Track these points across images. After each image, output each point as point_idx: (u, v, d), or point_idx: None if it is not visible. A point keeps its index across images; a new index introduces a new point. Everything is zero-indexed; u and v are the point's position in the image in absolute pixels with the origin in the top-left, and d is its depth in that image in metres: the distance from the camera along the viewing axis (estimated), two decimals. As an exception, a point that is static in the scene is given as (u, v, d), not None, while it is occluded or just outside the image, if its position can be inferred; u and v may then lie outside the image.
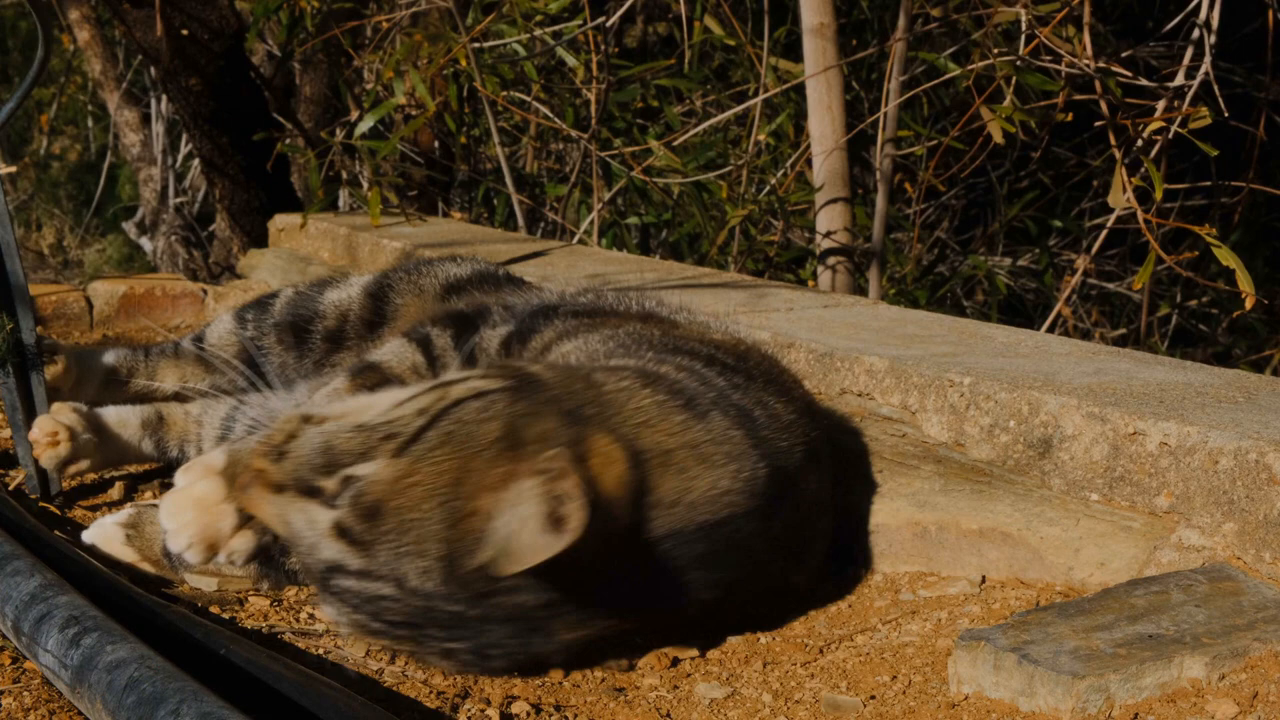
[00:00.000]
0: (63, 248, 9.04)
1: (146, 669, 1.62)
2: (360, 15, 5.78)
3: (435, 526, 1.75)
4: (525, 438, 1.78)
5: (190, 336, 3.01)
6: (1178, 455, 2.01)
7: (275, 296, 2.94)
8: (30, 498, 2.73)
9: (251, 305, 2.95)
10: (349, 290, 2.88)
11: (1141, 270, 3.28)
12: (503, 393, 1.84)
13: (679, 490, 1.89)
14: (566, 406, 1.85)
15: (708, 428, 1.95)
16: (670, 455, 1.90)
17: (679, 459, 1.90)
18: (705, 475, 1.91)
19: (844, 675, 1.93)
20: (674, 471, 1.89)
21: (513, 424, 1.79)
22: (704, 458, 1.92)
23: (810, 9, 4.11)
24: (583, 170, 5.13)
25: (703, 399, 1.99)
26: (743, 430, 1.99)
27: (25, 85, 3.02)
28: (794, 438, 2.10)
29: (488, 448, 1.77)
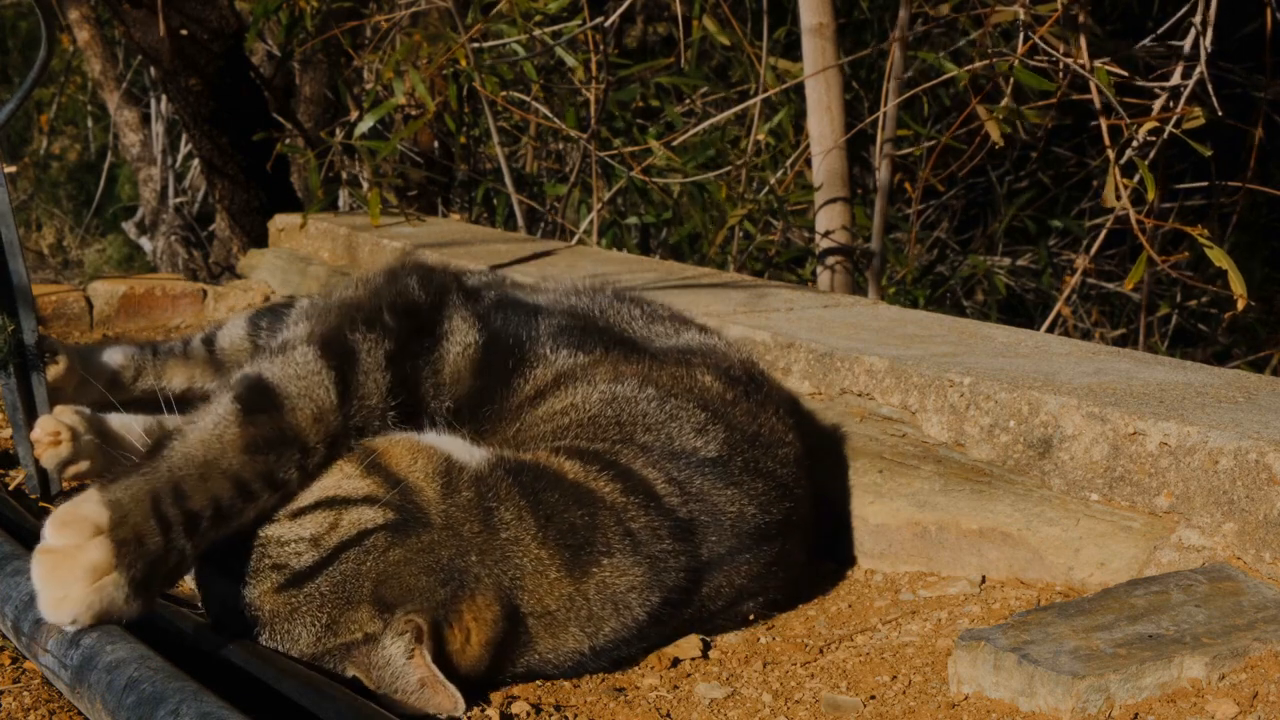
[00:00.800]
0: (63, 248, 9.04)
1: (146, 669, 1.62)
2: (360, 15, 5.79)
3: (309, 650, 1.82)
4: (390, 599, 1.80)
5: (200, 337, 3.01)
6: (1178, 455, 2.01)
7: (290, 305, 2.94)
8: (30, 498, 2.73)
9: (266, 311, 2.95)
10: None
11: (1133, 271, 3.28)
12: (385, 533, 1.83)
13: (551, 649, 1.90)
14: (445, 556, 1.83)
15: (604, 578, 1.92)
16: (552, 616, 1.89)
17: (560, 619, 1.89)
18: (581, 633, 1.91)
19: (844, 675, 1.93)
20: (551, 631, 1.89)
21: (384, 580, 1.80)
22: (589, 617, 1.90)
23: (809, 9, 4.11)
24: (582, 170, 5.13)
25: (610, 536, 1.93)
26: (648, 571, 1.95)
27: (27, 85, 3.01)
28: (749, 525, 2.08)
29: (359, 605, 1.80)
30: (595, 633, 1.90)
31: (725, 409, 2.18)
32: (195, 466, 1.80)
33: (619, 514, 1.94)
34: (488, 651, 1.84)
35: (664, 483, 2.02)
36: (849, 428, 2.51)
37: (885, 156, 4.29)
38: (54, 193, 9.48)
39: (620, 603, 1.91)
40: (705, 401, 2.17)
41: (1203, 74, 3.52)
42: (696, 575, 2.01)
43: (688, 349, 2.35)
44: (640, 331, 2.42)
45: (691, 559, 1.99)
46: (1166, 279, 5.85)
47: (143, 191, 7.62)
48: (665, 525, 1.97)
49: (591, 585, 1.89)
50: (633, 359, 2.24)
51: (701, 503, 2.03)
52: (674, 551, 1.97)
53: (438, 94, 4.64)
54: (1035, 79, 3.71)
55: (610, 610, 1.91)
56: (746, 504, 2.08)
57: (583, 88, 5.07)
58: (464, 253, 4.03)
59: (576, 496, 1.93)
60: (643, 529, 1.95)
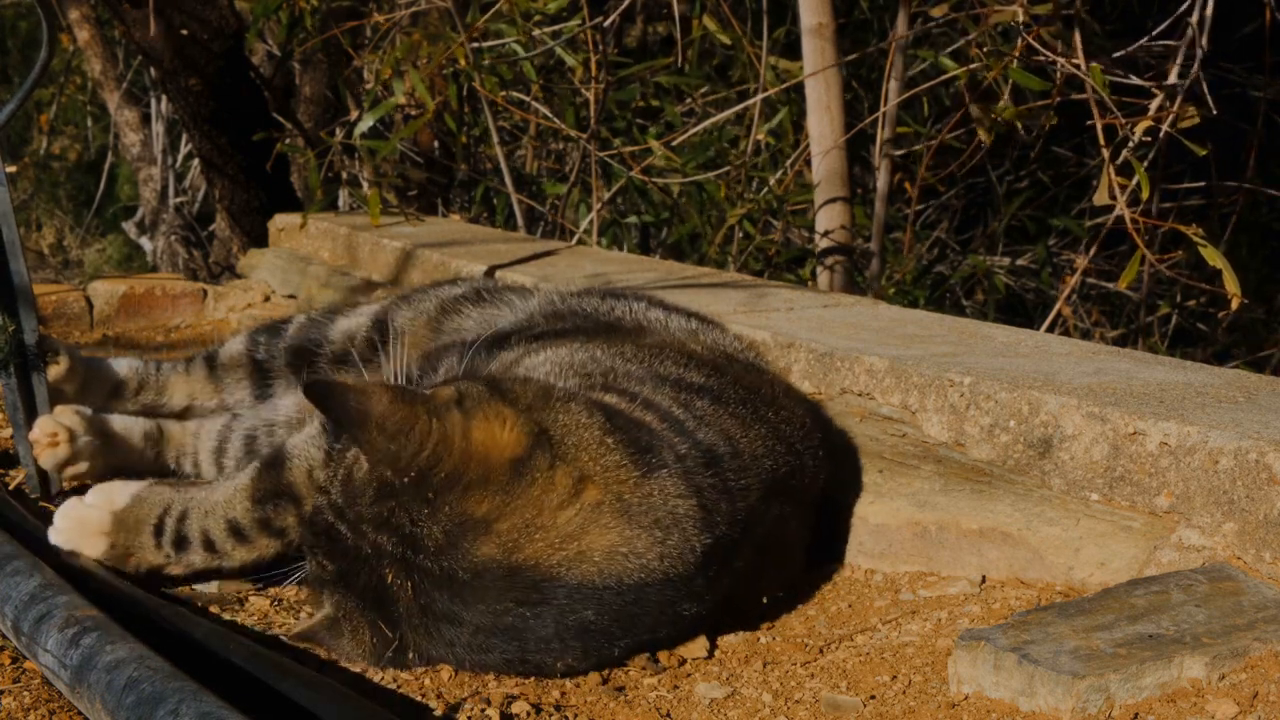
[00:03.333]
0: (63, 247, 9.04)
1: (146, 669, 1.62)
2: (359, 15, 5.79)
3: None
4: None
5: (202, 355, 3.07)
6: (1178, 455, 2.01)
7: (288, 322, 3.01)
8: (31, 497, 2.73)
9: (264, 329, 3.01)
10: (358, 319, 2.91)
11: (1127, 270, 3.28)
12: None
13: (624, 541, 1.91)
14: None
15: (665, 484, 1.96)
16: (625, 503, 1.93)
17: (632, 508, 1.94)
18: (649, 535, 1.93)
19: (844, 675, 1.93)
20: (625, 517, 1.93)
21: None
22: (655, 522, 1.94)
23: (809, 9, 4.12)
24: (582, 170, 5.13)
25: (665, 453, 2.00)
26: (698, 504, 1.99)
27: (28, 85, 3.01)
28: (753, 477, 2.10)
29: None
30: (664, 539, 1.91)
31: (721, 363, 2.29)
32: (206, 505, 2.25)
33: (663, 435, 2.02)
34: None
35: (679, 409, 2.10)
36: (849, 427, 2.51)
37: (885, 156, 4.29)
38: (54, 193, 9.48)
39: (678, 520, 1.94)
40: (695, 356, 2.30)
41: (1198, 73, 3.52)
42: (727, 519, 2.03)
43: (679, 330, 2.50)
44: (631, 323, 2.54)
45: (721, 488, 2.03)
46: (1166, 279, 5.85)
47: (143, 191, 7.62)
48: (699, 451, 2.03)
49: (655, 486, 1.93)
50: (616, 337, 2.38)
51: (715, 429, 2.09)
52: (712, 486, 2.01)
53: (437, 94, 4.64)
54: (1031, 79, 3.71)
55: (672, 524, 1.93)
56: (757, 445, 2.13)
57: (582, 87, 5.07)
58: (464, 252, 4.03)
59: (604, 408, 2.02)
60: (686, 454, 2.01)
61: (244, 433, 2.82)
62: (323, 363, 2.87)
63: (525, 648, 1.88)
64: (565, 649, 1.90)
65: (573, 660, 1.92)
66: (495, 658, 1.90)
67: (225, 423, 2.86)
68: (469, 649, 1.88)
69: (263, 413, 2.83)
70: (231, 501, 2.24)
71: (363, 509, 1.88)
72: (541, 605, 1.86)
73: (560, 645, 1.89)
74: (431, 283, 3.05)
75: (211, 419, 2.91)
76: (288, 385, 2.90)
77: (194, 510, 2.24)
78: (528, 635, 1.87)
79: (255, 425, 2.81)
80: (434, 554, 1.84)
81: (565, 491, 1.87)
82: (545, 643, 1.88)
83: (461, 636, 1.87)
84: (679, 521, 1.93)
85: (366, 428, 1.84)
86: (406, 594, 1.87)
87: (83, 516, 2.24)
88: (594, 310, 2.61)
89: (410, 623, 1.88)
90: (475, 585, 1.85)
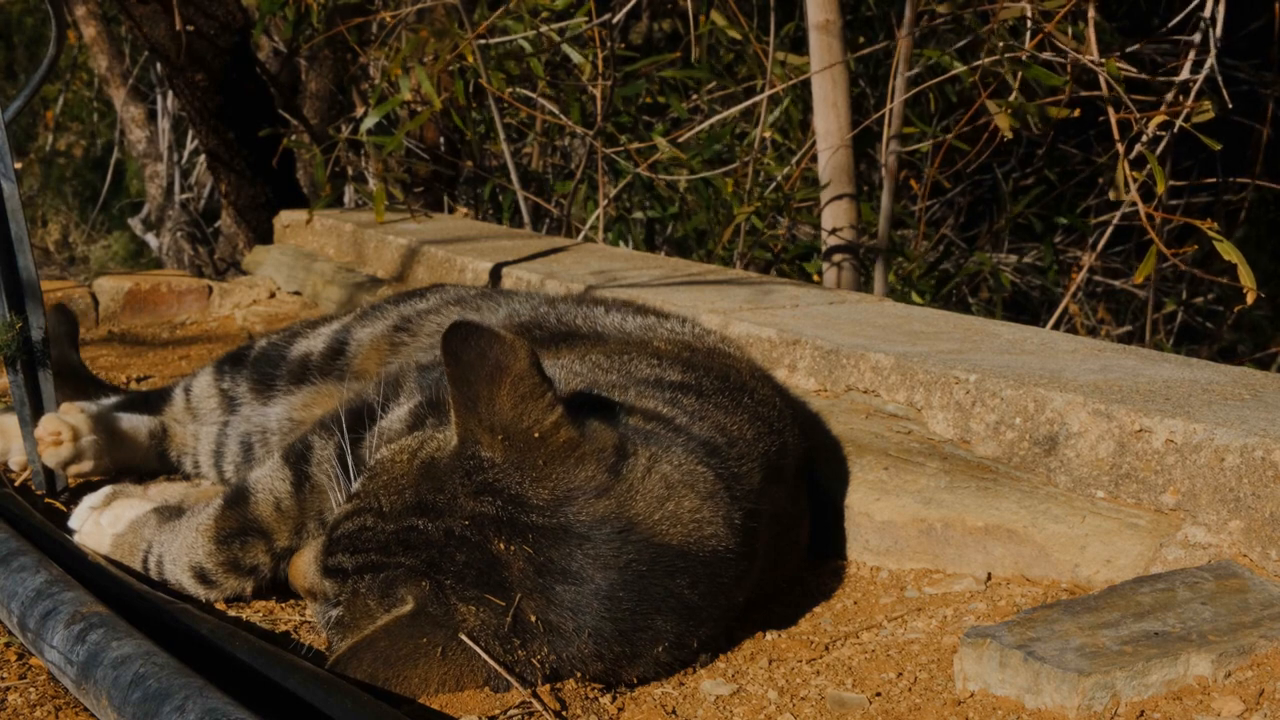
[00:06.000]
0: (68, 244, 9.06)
1: (152, 665, 1.62)
2: (366, 11, 5.79)
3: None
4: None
5: (181, 385, 3.09)
6: (1184, 452, 2.01)
7: (250, 348, 3.04)
8: (36, 494, 2.74)
9: (229, 358, 3.05)
10: (315, 341, 2.93)
11: (1143, 264, 3.28)
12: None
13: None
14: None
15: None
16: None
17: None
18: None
19: (849, 672, 1.93)
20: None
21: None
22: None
23: (816, 5, 4.11)
24: (588, 166, 5.13)
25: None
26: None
27: (35, 80, 3.02)
28: (752, 462, 2.11)
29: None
30: (718, 510, 1.95)
31: (688, 357, 2.32)
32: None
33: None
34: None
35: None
36: (855, 425, 2.51)
37: (891, 153, 4.29)
38: (60, 189, 9.49)
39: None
40: (663, 354, 2.32)
41: (1212, 68, 3.51)
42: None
43: (639, 328, 2.53)
44: (595, 326, 2.56)
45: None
46: (1173, 275, 5.85)
47: (149, 188, 7.63)
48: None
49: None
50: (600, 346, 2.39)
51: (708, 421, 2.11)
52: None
53: (444, 90, 4.64)
54: (1045, 74, 3.71)
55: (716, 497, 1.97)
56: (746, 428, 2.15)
57: (589, 84, 5.07)
58: (469, 249, 4.03)
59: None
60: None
61: (239, 437, 2.84)
62: (281, 384, 2.89)
63: (640, 612, 1.87)
64: (664, 627, 1.89)
65: (668, 644, 1.91)
66: (610, 626, 1.85)
67: (219, 429, 2.90)
68: (593, 613, 1.84)
69: (254, 418, 2.85)
70: (194, 547, 2.24)
71: (456, 489, 1.86)
72: (653, 564, 1.87)
73: (663, 620, 1.89)
74: (393, 296, 3.07)
75: (207, 425, 2.93)
76: (253, 410, 2.91)
77: (166, 555, 2.27)
78: (645, 598, 1.86)
79: (249, 430, 2.83)
80: (546, 511, 1.83)
81: (644, 466, 1.90)
82: (654, 609, 1.88)
83: (584, 596, 1.83)
84: (716, 494, 1.96)
85: (501, 381, 1.85)
86: (519, 557, 1.83)
87: (89, 533, 2.37)
88: (557, 320, 2.61)
89: (525, 586, 1.82)
90: (594, 537, 1.85)
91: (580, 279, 3.40)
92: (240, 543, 2.23)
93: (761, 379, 2.43)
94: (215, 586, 2.24)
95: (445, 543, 1.84)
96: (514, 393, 1.84)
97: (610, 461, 1.88)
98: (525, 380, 1.84)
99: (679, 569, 1.88)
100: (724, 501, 1.96)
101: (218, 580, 2.23)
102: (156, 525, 2.33)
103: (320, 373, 2.83)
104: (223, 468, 2.85)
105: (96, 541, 2.34)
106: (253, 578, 2.24)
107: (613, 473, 1.88)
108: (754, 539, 2.02)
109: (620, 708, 1.84)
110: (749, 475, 2.06)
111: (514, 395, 1.84)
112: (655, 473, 1.91)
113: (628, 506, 1.87)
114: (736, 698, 1.87)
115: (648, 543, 1.87)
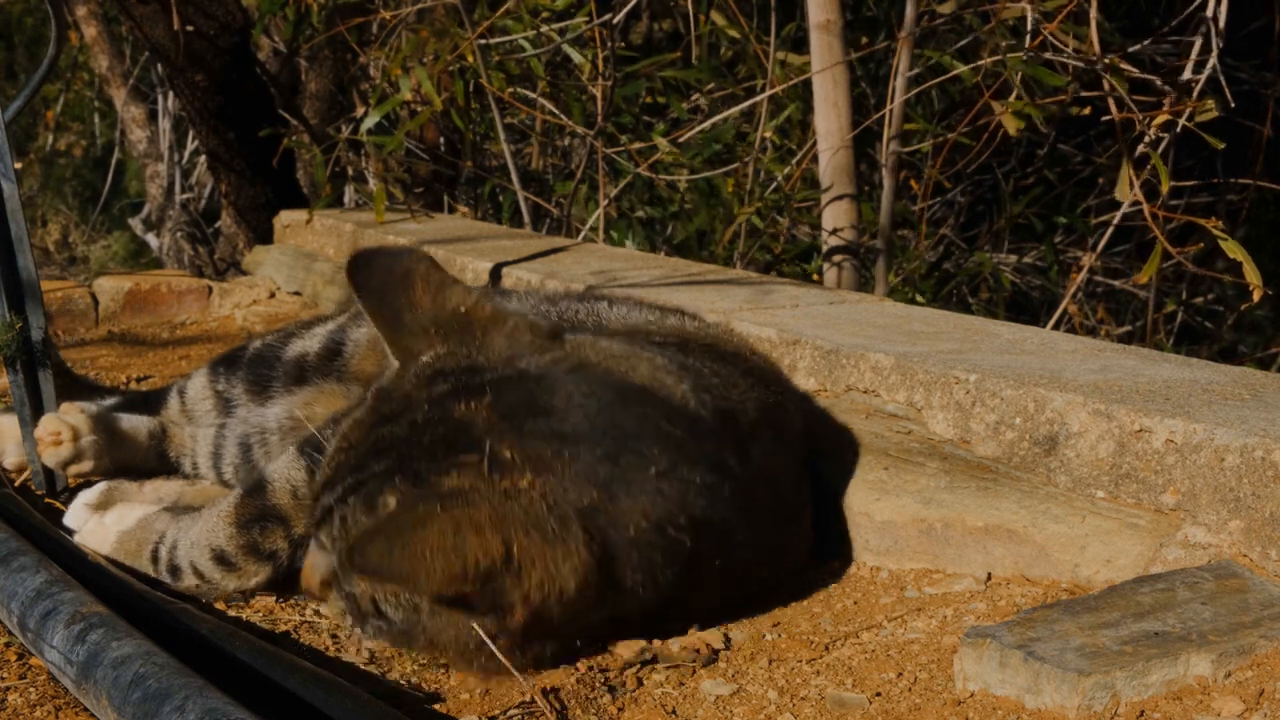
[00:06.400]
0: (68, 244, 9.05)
1: (152, 665, 1.62)
2: (366, 11, 5.78)
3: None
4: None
5: (175, 388, 3.08)
6: (1184, 452, 2.01)
7: (245, 349, 3.03)
8: (37, 494, 2.74)
9: (224, 359, 3.04)
10: (310, 341, 2.93)
11: (1148, 264, 3.28)
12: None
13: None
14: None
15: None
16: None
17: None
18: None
19: (849, 672, 1.93)
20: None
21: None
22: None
23: (816, 5, 4.11)
24: (589, 166, 5.12)
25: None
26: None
27: (35, 80, 3.02)
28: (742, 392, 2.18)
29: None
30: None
31: (682, 341, 2.36)
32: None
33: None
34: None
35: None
36: (854, 425, 2.51)
37: (892, 153, 4.28)
38: (60, 189, 9.49)
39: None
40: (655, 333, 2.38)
41: (1215, 68, 3.51)
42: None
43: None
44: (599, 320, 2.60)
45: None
46: (1173, 275, 5.85)
47: (149, 188, 7.62)
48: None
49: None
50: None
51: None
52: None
53: (444, 90, 4.64)
54: (1048, 74, 3.71)
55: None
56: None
57: (589, 84, 5.07)
58: (469, 249, 4.03)
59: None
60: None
61: (238, 439, 2.84)
62: (277, 385, 2.89)
63: (617, 436, 1.90)
64: (650, 452, 1.92)
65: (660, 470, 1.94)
66: (588, 450, 1.88)
67: (217, 431, 2.89)
68: (568, 438, 1.87)
69: (252, 419, 2.85)
70: (215, 529, 2.25)
71: (409, 389, 1.93)
72: (618, 395, 1.93)
73: (646, 445, 1.92)
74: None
75: (204, 428, 2.93)
76: (249, 411, 2.91)
77: (182, 541, 2.27)
78: (619, 424, 1.90)
79: (248, 432, 2.83)
80: (497, 368, 1.91)
81: (589, 342, 2.04)
82: (633, 434, 1.91)
83: (553, 424, 1.87)
84: (678, 374, 2.05)
85: (413, 283, 1.94)
86: (481, 411, 1.87)
87: (92, 531, 2.36)
88: (558, 316, 2.63)
89: (494, 432, 1.85)
90: (550, 375, 1.91)
91: (580, 279, 3.40)
92: (260, 528, 2.23)
93: (763, 356, 2.50)
94: (234, 570, 2.23)
95: (411, 434, 1.88)
96: (428, 288, 1.95)
97: (547, 331, 2.00)
98: (434, 274, 1.94)
99: (648, 402, 1.95)
100: (690, 382, 2.02)
101: (237, 563, 2.23)
102: (170, 518, 2.34)
103: (318, 373, 2.82)
104: (221, 469, 2.85)
105: (100, 539, 2.34)
106: (271, 564, 2.24)
107: (553, 338, 1.98)
108: (744, 446, 2.07)
109: (620, 707, 1.84)
110: (733, 396, 2.12)
111: (429, 290, 1.95)
112: (601, 345, 2.01)
113: (577, 356, 1.96)
114: (736, 698, 1.87)
115: (607, 377, 1.95)
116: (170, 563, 2.27)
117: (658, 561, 1.91)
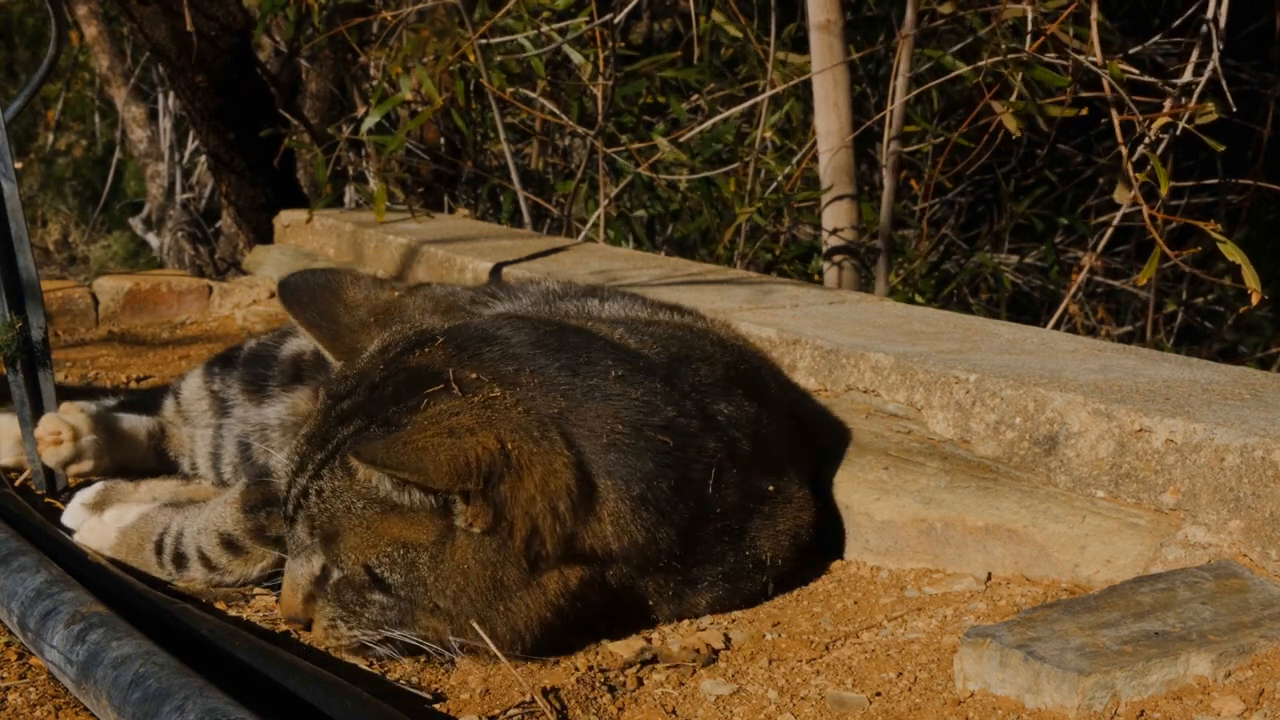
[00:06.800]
0: (68, 244, 9.05)
1: (152, 665, 1.62)
2: (367, 11, 5.78)
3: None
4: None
5: (171, 388, 3.08)
6: (1184, 452, 2.01)
7: (240, 349, 3.04)
8: (37, 493, 2.74)
9: (218, 359, 3.04)
10: (304, 342, 2.94)
11: (1146, 266, 3.27)
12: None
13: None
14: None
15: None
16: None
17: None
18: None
19: (850, 672, 1.93)
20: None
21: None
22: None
23: (817, 5, 4.11)
24: (589, 166, 5.12)
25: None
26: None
27: (35, 80, 3.02)
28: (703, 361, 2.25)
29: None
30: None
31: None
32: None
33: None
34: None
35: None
36: (854, 424, 2.51)
37: (892, 153, 4.28)
38: (60, 189, 9.49)
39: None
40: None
41: (1215, 70, 3.51)
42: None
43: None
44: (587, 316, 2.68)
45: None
46: (1173, 276, 5.85)
47: (149, 187, 7.62)
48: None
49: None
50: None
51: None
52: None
53: (444, 90, 4.63)
54: (1049, 74, 3.71)
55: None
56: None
57: (589, 84, 5.07)
58: (469, 249, 4.03)
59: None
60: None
61: (236, 438, 2.83)
62: (273, 384, 2.89)
63: (572, 353, 2.01)
64: (609, 365, 2.02)
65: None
66: (550, 363, 1.98)
67: (214, 431, 2.89)
68: (526, 358, 1.96)
69: (251, 418, 2.84)
70: (223, 515, 2.28)
71: (363, 366, 2.02)
72: (562, 331, 2.06)
73: (602, 359, 2.03)
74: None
75: (201, 428, 2.93)
76: (246, 411, 2.91)
77: (189, 528, 2.30)
78: (571, 346, 2.02)
79: (247, 431, 2.82)
80: (445, 324, 2.05)
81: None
82: (588, 352, 2.02)
83: (510, 348, 1.97)
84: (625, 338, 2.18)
85: (342, 288, 2.08)
86: (437, 352, 1.96)
87: (92, 529, 2.38)
88: (550, 312, 2.66)
89: (453, 362, 1.93)
90: (497, 321, 2.04)
91: (580, 279, 3.40)
92: (266, 513, 2.26)
93: (744, 339, 2.57)
94: (241, 554, 2.26)
95: (371, 395, 1.94)
96: (359, 286, 2.15)
97: (485, 302, 2.18)
98: (362, 279, 2.07)
99: (595, 343, 2.06)
100: (635, 338, 2.15)
101: (245, 546, 2.26)
102: (173, 510, 2.37)
103: (316, 371, 2.82)
104: (220, 469, 2.84)
105: (100, 536, 2.35)
106: (277, 548, 2.24)
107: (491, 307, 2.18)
108: (707, 390, 2.16)
109: (620, 707, 1.84)
110: (695, 354, 2.21)
111: (360, 288, 2.16)
112: (544, 312, 2.21)
113: (517, 313, 2.11)
114: (736, 697, 1.88)
115: (550, 320, 2.08)
116: (176, 551, 2.29)
117: (649, 469, 1.96)
